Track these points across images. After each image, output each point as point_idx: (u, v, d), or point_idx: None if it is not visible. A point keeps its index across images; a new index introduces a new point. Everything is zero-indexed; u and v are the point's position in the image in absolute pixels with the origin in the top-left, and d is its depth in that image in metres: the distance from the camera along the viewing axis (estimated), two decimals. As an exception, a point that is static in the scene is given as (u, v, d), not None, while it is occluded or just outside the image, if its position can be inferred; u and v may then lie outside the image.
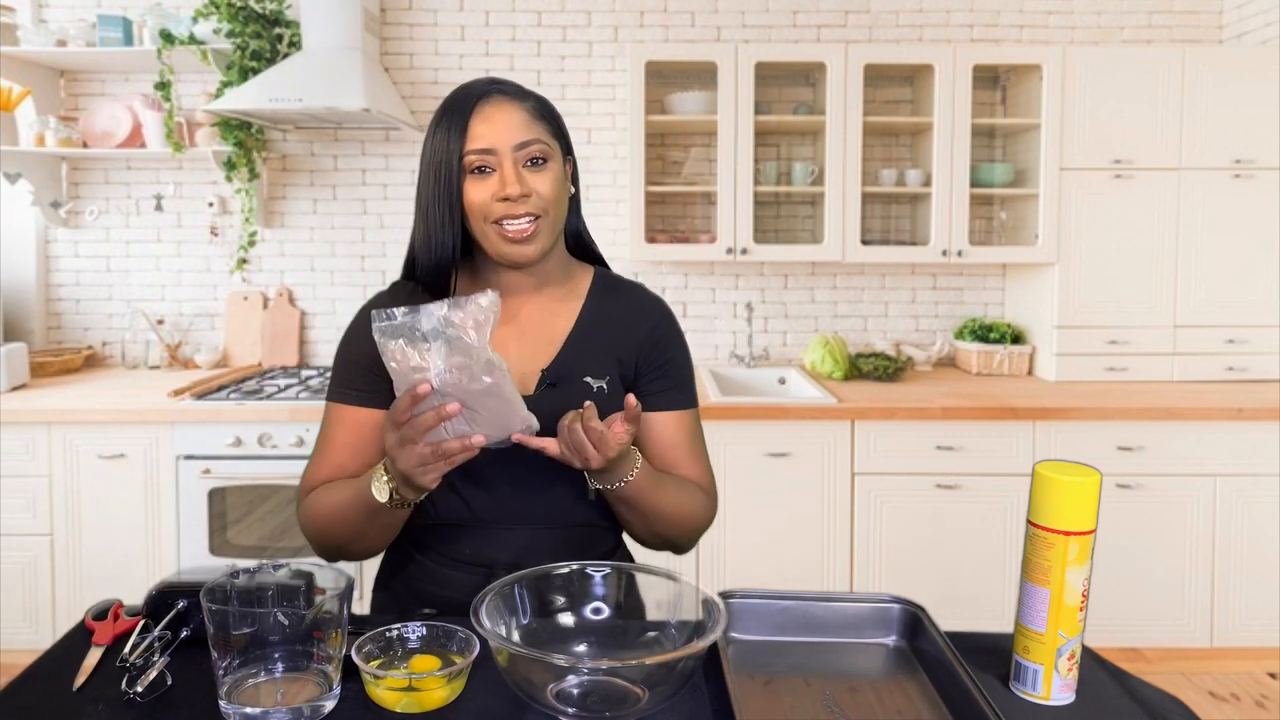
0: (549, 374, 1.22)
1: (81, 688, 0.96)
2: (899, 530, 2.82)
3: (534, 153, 1.17)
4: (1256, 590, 2.83)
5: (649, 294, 1.34)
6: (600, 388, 1.23)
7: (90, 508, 2.75)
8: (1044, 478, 0.94)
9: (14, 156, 3.11)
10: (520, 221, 1.16)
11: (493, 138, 1.15)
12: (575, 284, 1.30)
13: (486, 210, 1.16)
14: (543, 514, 1.23)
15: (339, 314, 3.45)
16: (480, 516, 1.22)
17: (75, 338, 3.45)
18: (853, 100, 3.06)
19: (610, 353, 1.25)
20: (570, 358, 1.23)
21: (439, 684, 0.91)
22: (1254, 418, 2.77)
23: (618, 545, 1.33)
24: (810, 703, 0.96)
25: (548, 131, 1.19)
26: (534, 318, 1.26)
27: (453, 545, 1.23)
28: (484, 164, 1.16)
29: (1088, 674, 1.00)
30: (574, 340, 1.25)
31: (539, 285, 1.26)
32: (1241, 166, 3.05)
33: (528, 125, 1.17)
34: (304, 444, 2.76)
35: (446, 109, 1.19)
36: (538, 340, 1.25)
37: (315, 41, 2.99)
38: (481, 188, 1.16)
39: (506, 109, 1.17)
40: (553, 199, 1.18)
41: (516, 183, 1.14)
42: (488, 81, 1.21)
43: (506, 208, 1.15)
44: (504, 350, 1.21)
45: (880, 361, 3.16)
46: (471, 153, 1.15)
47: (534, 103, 1.21)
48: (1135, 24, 3.40)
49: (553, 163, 1.19)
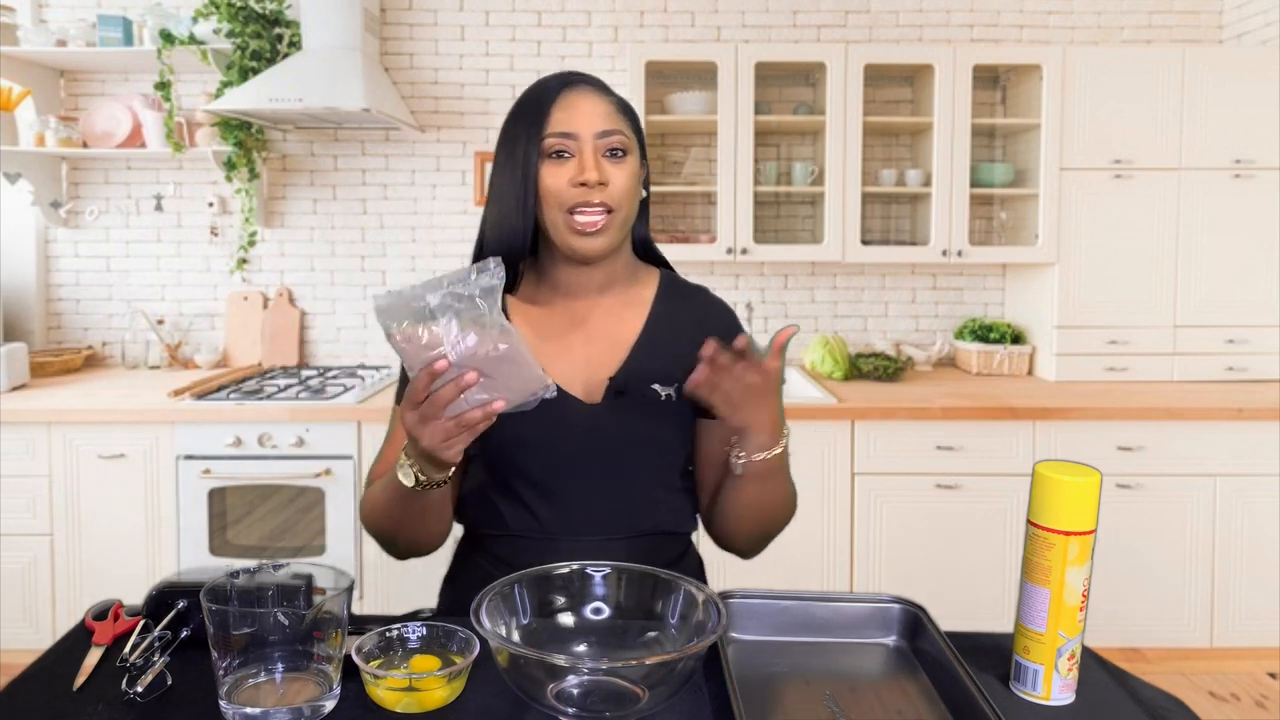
0: (616, 382, 1.19)
1: (81, 688, 0.96)
2: (899, 530, 2.82)
3: (615, 143, 1.15)
4: (1256, 590, 2.83)
5: (715, 298, 1.31)
6: (668, 395, 1.19)
7: (90, 508, 2.75)
8: (1044, 478, 0.94)
9: (14, 156, 3.11)
10: (593, 213, 1.13)
11: (575, 123, 1.14)
12: (641, 288, 1.27)
13: (561, 196, 1.14)
14: (611, 524, 1.20)
15: (339, 314, 3.45)
16: (549, 528, 1.19)
17: (75, 338, 3.45)
18: (853, 100, 3.06)
19: (678, 359, 1.19)
20: (638, 364, 1.20)
21: (439, 684, 0.91)
22: (1254, 418, 2.77)
23: (686, 550, 1.31)
24: (810, 703, 0.96)
25: (629, 127, 1.18)
26: (600, 322, 1.23)
27: (521, 556, 1.19)
28: (563, 148, 1.14)
29: (1088, 674, 1.00)
30: (641, 346, 1.22)
31: (604, 287, 1.24)
32: (1241, 166, 3.05)
33: (610, 115, 1.16)
34: (304, 444, 2.76)
35: (528, 95, 1.18)
36: (604, 346, 1.22)
37: (315, 41, 2.99)
38: (558, 173, 1.14)
39: (590, 97, 1.16)
40: (627, 193, 1.16)
41: (595, 169, 1.12)
42: (572, 72, 1.20)
43: (582, 194, 1.13)
44: (570, 356, 1.20)
45: (880, 361, 3.16)
46: (552, 135, 1.14)
47: (617, 99, 1.20)
48: (1135, 24, 3.40)
49: (631, 158, 1.17)
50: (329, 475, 2.76)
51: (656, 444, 1.20)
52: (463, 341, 0.94)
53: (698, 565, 1.35)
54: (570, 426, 1.17)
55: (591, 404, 1.18)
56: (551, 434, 1.17)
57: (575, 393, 1.18)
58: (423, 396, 0.96)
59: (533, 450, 1.18)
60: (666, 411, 1.19)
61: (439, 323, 0.94)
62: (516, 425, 1.16)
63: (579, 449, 1.17)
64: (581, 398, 1.18)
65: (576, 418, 1.17)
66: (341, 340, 3.46)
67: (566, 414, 1.17)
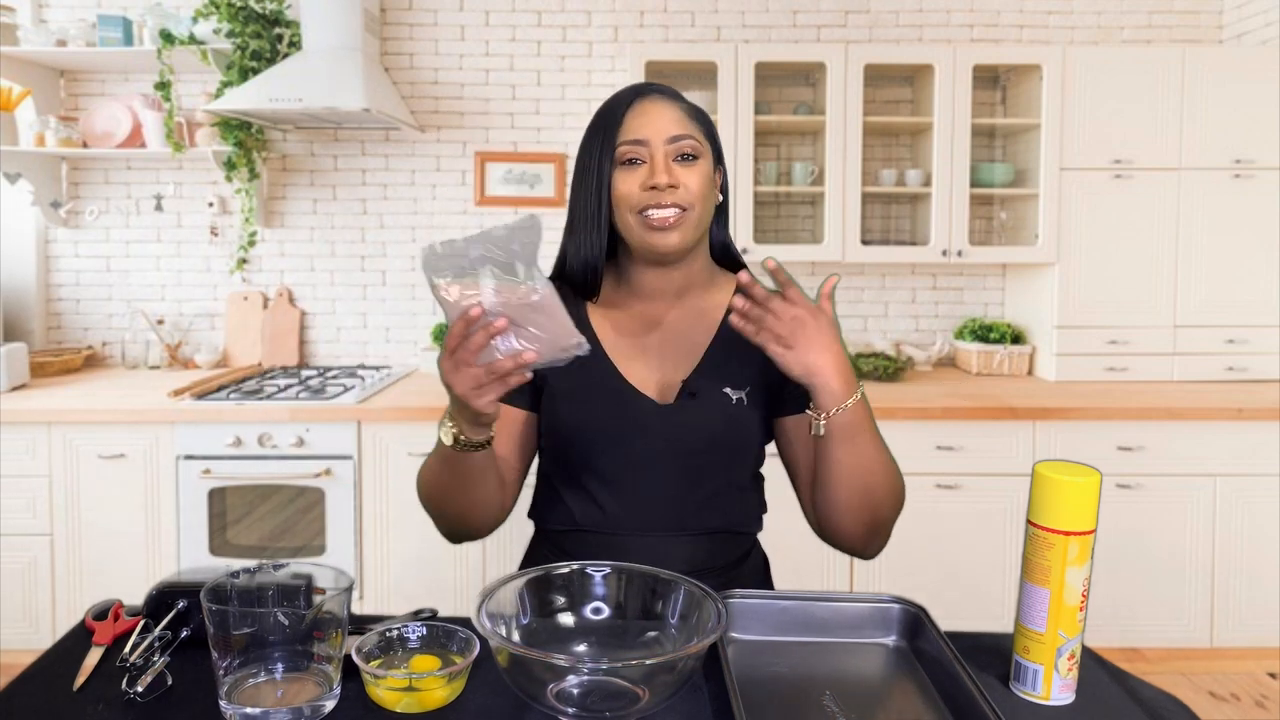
0: (689, 384, 1.21)
1: (81, 688, 0.96)
2: (899, 530, 2.79)
3: (685, 148, 1.17)
4: (1256, 590, 2.83)
5: None
6: (740, 399, 1.21)
7: (90, 508, 2.75)
8: (1044, 478, 0.94)
9: (14, 156, 3.11)
10: (666, 210, 1.16)
11: (646, 130, 1.17)
12: (718, 292, 1.28)
13: (632, 200, 1.17)
14: (678, 522, 1.21)
15: (339, 314, 3.45)
16: (615, 524, 1.21)
17: (75, 338, 3.45)
18: (853, 100, 3.06)
19: (751, 363, 1.20)
20: (710, 368, 1.22)
21: (439, 684, 0.91)
22: (1254, 418, 2.77)
23: (751, 550, 1.31)
24: (810, 703, 0.96)
25: (701, 132, 1.20)
26: (676, 326, 1.25)
27: (587, 550, 1.22)
28: (635, 155, 1.17)
29: (1088, 674, 1.00)
30: (715, 350, 1.23)
31: (681, 291, 1.26)
32: (1241, 166, 3.05)
33: (681, 121, 1.19)
34: (304, 444, 2.76)
35: (604, 107, 1.21)
36: (679, 349, 1.24)
37: (315, 41, 2.99)
38: (630, 178, 1.17)
39: (661, 105, 1.19)
40: (699, 194, 1.17)
41: (665, 172, 1.15)
42: (644, 83, 1.24)
43: (653, 196, 1.15)
44: (645, 357, 1.23)
45: (880, 361, 3.16)
46: (624, 143, 1.17)
47: (688, 105, 1.22)
48: (1135, 24, 3.40)
49: (703, 161, 1.19)
50: (329, 475, 2.76)
51: (726, 446, 1.21)
52: (496, 290, 0.96)
53: (763, 564, 1.36)
54: (642, 426, 1.20)
55: (664, 404, 1.21)
56: (624, 432, 1.20)
57: (649, 393, 1.21)
58: (456, 343, 0.97)
59: (604, 447, 1.20)
60: (738, 415, 1.21)
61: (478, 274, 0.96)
62: (589, 421, 1.20)
63: (649, 448, 1.20)
64: (655, 398, 1.21)
65: (649, 418, 1.20)
66: (341, 340, 3.46)
67: (639, 413, 1.20)
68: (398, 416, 2.75)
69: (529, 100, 3.39)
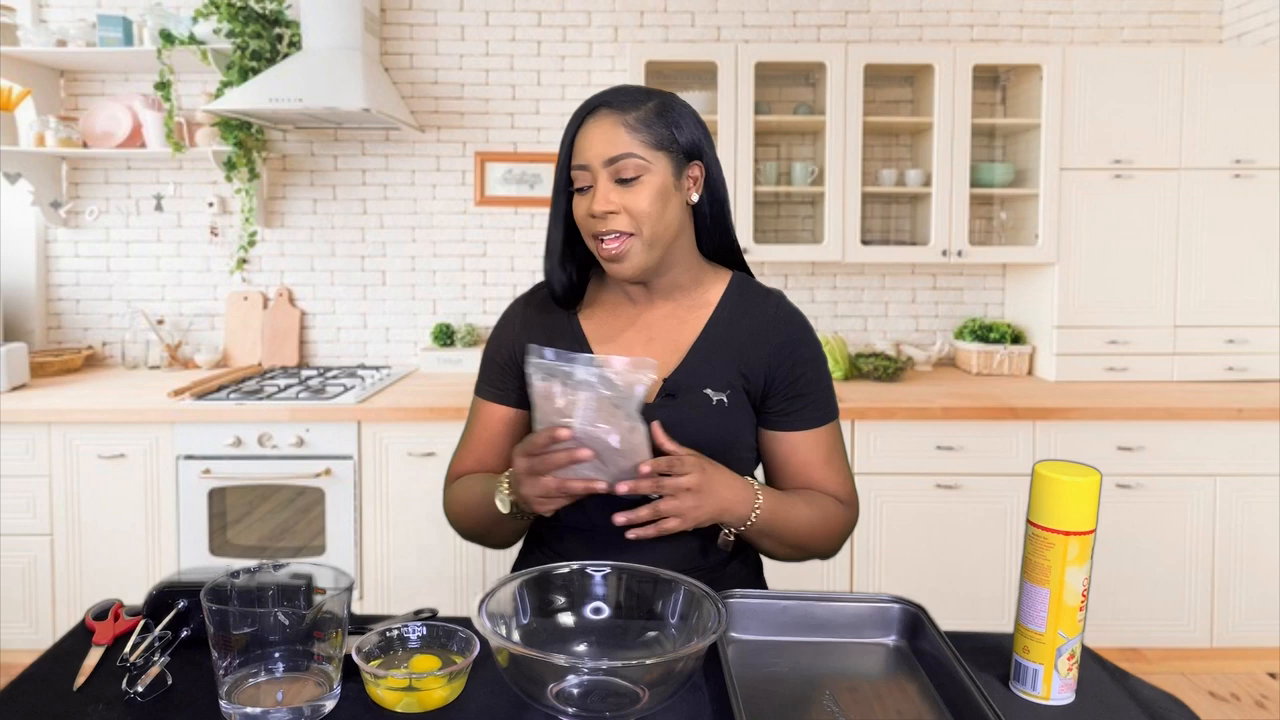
0: (668, 385, 1.21)
1: (81, 688, 0.96)
2: (899, 530, 2.82)
3: (622, 170, 1.15)
4: (1256, 590, 2.83)
5: (785, 305, 1.28)
6: (720, 401, 1.21)
7: (90, 508, 2.75)
8: (1044, 478, 0.94)
9: (14, 156, 3.11)
10: (612, 241, 1.16)
11: (587, 154, 1.16)
12: (707, 291, 1.27)
13: (585, 227, 1.19)
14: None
15: (339, 314, 3.45)
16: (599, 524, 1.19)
17: (75, 338, 3.45)
18: (853, 100, 3.06)
19: (735, 365, 1.21)
20: (692, 368, 1.22)
21: (439, 684, 0.91)
22: (1254, 418, 2.77)
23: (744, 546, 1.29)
24: (810, 703, 0.96)
25: (646, 143, 1.15)
26: (662, 324, 1.25)
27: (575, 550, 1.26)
28: (583, 182, 1.18)
29: (1088, 674, 1.00)
30: (698, 350, 1.23)
31: (667, 292, 1.26)
32: (1241, 166, 3.05)
33: (620, 140, 1.15)
34: (304, 444, 2.76)
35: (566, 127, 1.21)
36: (664, 348, 1.24)
37: (315, 41, 2.99)
38: (580, 204, 1.19)
39: (603, 124, 1.16)
40: (644, 214, 1.15)
41: (602, 200, 1.15)
42: (606, 92, 1.20)
43: (598, 224, 1.16)
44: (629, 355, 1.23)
45: (880, 361, 3.16)
46: (574, 168, 1.18)
47: (640, 113, 1.16)
48: (1135, 24, 3.40)
49: (651, 175, 1.15)
50: (329, 475, 2.76)
51: (706, 448, 1.21)
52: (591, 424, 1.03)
53: (755, 562, 1.35)
54: None
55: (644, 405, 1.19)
56: None
57: None
58: (538, 452, 1.05)
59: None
60: (718, 415, 1.21)
61: (580, 394, 1.03)
62: None
63: None
64: None
65: None
66: (341, 340, 3.46)
67: None
68: (398, 416, 2.75)
69: (529, 100, 3.39)
